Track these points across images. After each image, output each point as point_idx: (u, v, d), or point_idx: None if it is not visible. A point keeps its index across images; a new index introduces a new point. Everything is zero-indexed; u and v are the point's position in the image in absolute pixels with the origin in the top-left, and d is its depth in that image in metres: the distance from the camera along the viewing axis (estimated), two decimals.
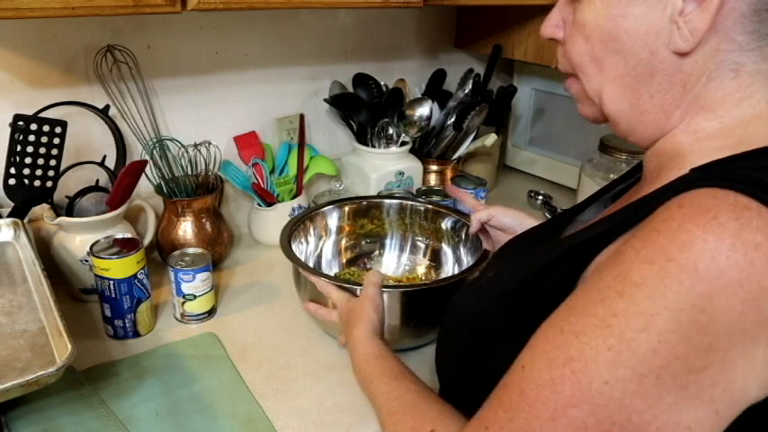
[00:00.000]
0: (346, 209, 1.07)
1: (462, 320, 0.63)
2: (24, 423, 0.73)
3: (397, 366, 0.66)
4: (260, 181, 1.17)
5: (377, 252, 1.10)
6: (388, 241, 1.10)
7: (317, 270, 0.93)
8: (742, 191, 0.40)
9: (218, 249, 1.09)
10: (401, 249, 1.10)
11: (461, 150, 1.35)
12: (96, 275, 0.86)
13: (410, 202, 1.08)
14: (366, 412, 0.77)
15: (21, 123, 0.88)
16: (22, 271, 0.82)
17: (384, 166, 1.24)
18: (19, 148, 0.89)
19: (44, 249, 0.96)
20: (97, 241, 0.88)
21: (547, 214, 1.38)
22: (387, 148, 1.27)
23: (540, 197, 1.44)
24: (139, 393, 0.78)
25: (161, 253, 1.09)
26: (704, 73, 0.48)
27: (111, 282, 0.85)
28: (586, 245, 0.51)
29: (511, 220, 0.87)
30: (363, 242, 1.09)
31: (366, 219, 1.08)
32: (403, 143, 1.28)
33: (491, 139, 1.36)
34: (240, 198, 1.23)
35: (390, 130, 1.27)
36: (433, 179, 1.36)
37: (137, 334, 0.90)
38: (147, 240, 1.05)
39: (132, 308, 0.88)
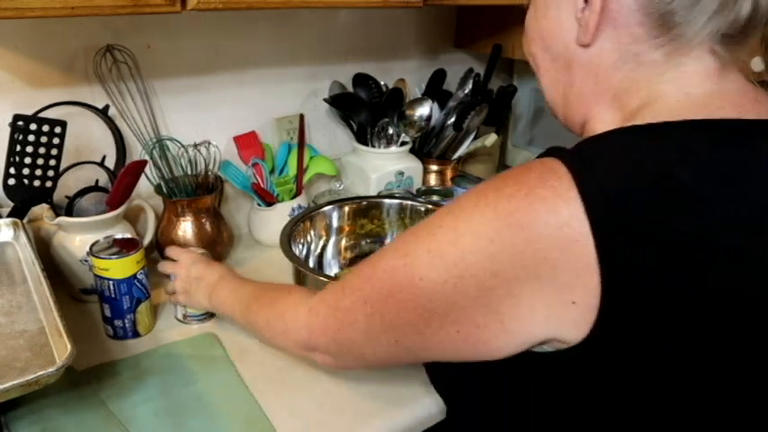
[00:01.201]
0: (346, 209, 1.07)
1: None
2: (24, 423, 0.72)
3: (256, 284, 0.83)
4: (260, 181, 1.17)
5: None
6: (388, 241, 1.10)
7: (314, 269, 0.93)
8: (560, 158, 0.48)
9: (218, 249, 1.09)
10: None
11: (461, 150, 1.35)
12: (96, 275, 0.86)
13: (410, 203, 1.08)
14: (366, 412, 0.77)
15: (20, 123, 0.88)
16: (21, 271, 0.82)
17: (384, 166, 1.24)
18: (18, 147, 0.89)
19: (44, 249, 0.95)
20: (97, 241, 0.88)
21: None
22: (387, 148, 1.27)
23: None
24: (139, 393, 0.78)
25: (161, 253, 1.09)
26: (610, 65, 0.54)
27: (111, 282, 0.85)
28: None
29: None
30: (363, 242, 1.09)
31: (366, 219, 1.08)
32: (403, 143, 1.28)
33: (491, 139, 1.36)
34: (240, 198, 1.23)
35: (390, 130, 1.27)
36: (433, 179, 1.36)
37: (136, 334, 0.90)
38: (146, 240, 1.05)
39: (132, 308, 0.88)
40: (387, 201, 1.09)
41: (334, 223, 1.06)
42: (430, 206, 1.07)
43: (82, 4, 0.69)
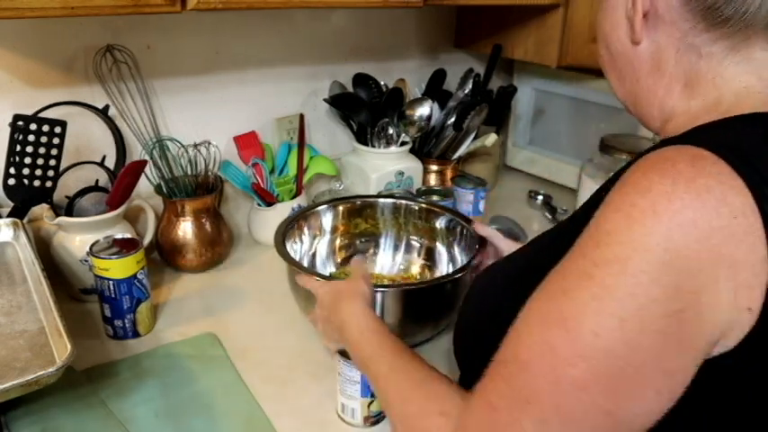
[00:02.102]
0: (341, 208, 1.07)
1: (475, 305, 0.65)
2: (24, 423, 0.73)
3: (396, 342, 0.65)
4: (260, 181, 1.17)
5: (371, 251, 1.10)
6: (382, 240, 1.10)
7: (308, 269, 0.93)
8: (700, 145, 0.44)
9: (218, 249, 1.09)
10: (396, 248, 1.10)
11: (461, 150, 1.35)
12: (96, 275, 0.86)
13: (405, 202, 1.08)
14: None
15: (20, 123, 0.88)
16: (21, 271, 0.82)
17: (384, 166, 1.24)
18: (18, 147, 0.89)
19: (44, 249, 0.95)
20: (97, 241, 0.88)
21: (547, 214, 1.38)
22: (387, 148, 1.27)
23: (540, 197, 1.44)
24: (139, 393, 0.78)
25: (161, 253, 1.09)
26: (671, 56, 0.54)
27: (111, 282, 0.85)
28: (578, 217, 0.54)
29: (506, 245, 0.90)
30: (358, 241, 1.09)
31: (360, 218, 1.09)
32: (403, 143, 1.28)
33: (491, 139, 1.36)
34: (240, 198, 1.23)
35: (390, 130, 1.27)
36: (433, 179, 1.36)
37: (136, 334, 0.90)
38: (146, 240, 1.05)
39: (132, 308, 0.88)
40: (381, 200, 1.09)
41: (329, 223, 1.06)
42: (424, 205, 1.07)
43: (82, 4, 0.69)
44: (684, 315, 0.42)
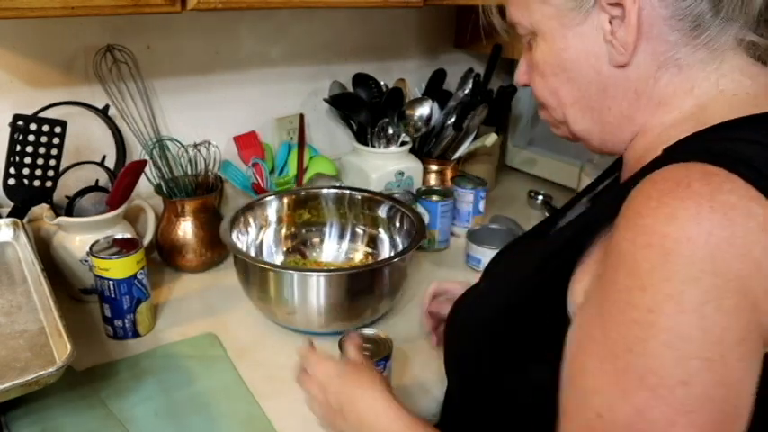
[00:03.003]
0: (285, 200, 1.10)
1: (464, 327, 0.64)
2: (24, 423, 0.72)
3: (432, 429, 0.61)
4: (260, 181, 1.17)
5: (317, 240, 1.13)
6: (327, 230, 1.13)
7: (254, 258, 0.96)
8: (707, 161, 0.43)
9: (218, 249, 1.09)
10: (341, 237, 1.13)
11: (461, 150, 1.35)
12: (96, 275, 0.86)
13: (348, 192, 1.12)
14: None
15: (20, 123, 0.88)
16: (21, 271, 0.82)
17: (384, 166, 1.24)
18: (18, 147, 0.89)
19: (44, 249, 0.95)
20: (97, 241, 0.88)
21: (547, 214, 1.38)
22: (387, 148, 1.27)
23: (540, 197, 1.44)
24: (139, 393, 0.78)
25: (161, 253, 1.09)
26: (650, 76, 0.53)
27: (111, 282, 0.85)
28: (569, 242, 0.52)
29: (450, 285, 0.87)
30: (303, 231, 1.12)
31: (304, 209, 1.11)
32: (403, 143, 1.28)
33: (491, 139, 1.36)
34: (240, 198, 1.23)
35: (390, 130, 1.27)
36: (433, 179, 1.36)
37: (136, 334, 0.90)
38: (146, 240, 1.05)
39: (132, 308, 0.88)
40: (324, 191, 1.12)
41: (274, 213, 1.09)
42: (366, 194, 1.10)
43: (82, 4, 0.69)
44: (752, 335, 0.41)
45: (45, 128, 0.90)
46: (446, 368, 0.68)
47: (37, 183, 0.92)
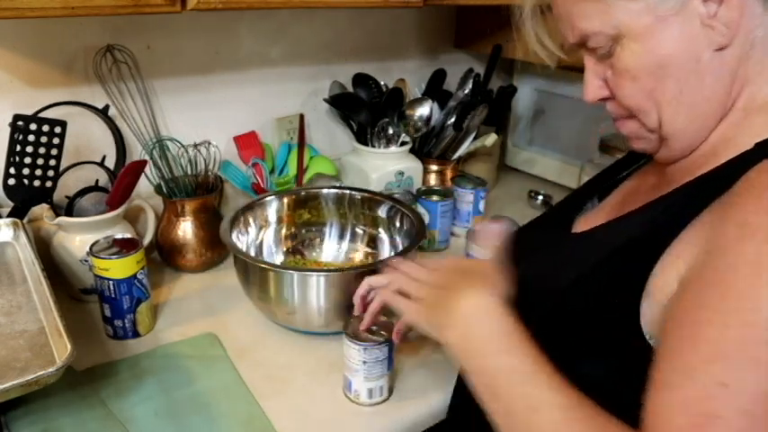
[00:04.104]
0: (285, 200, 1.10)
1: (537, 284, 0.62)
2: (24, 423, 0.72)
3: (543, 360, 0.53)
4: (260, 181, 1.17)
5: (317, 240, 1.13)
6: (327, 230, 1.13)
7: (254, 257, 0.97)
8: None
9: (218, 249, 1.09)
10: (341, 237, 1.13)
11: (461, 150, 1.35)
12: (96, 275, 0.86)
13: (348, 192, 1.11)
14: (366, 412, 0.77)
15: (20, 123, 0.88)
16: (21, 271, 0.82)
17: (384, 166, 1.24)
18: (18, 147, 0.89)
19: (44, 249, 0.95)
20: (97, 241, 0.88)
21: None
22: (387, 148, 1.27)
23: (540, 197, 1.44)
24: (139, 393, 0.78)
25: (161, 253, 1.09)
26: (743, 55, 0.52)
27: (111, 282, 0.85)
28: (640, 242, 0.52)
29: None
30: (303, 231, 1.12)
31: (304, 209, 1.11)
32: (403, 143, 1.28)
33: (491, 139, 1.36)
34: (240, 198, 1.23)
35: (390, 130, 1.27)
36: (433, 179, 1.36)
37: (136, 334, 0.90)
38: (146, 240, 1.05)
39: (132, 308, 0.88)
40: (324, 191, 1.12)
41: (274, 214, 1.09)
42: (366, 194, 1.10)
43: (82, 4, 0.69)
44: None
45: (45, 128, 0.90)
46: None
47: (37, 183, 0.92)
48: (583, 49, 0.58)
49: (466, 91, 1.36)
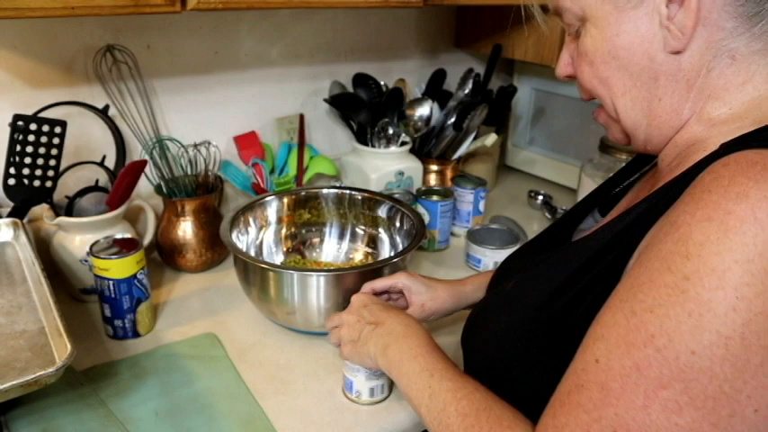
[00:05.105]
0: (285, 200, 1.10)
1: (493, 335, 0.62)
2: (24, 423, 0.72)
3: (453, 364, 0.62)
4: (260, 181, 1.17)
5: (318, 240, 1.13)
6: (327, 230, 1.13)
7: (254, 257, 0.97)
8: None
9: (218, 249, 1.09)
10: (341, 237, 1.13)
11: (461, 150, 1.35)
12: (96, 275, 0.86)
13: (347, 192, 1.11)
14: (366, 412, 0.77)
15: (20, 123, 0.88)
16: (21, 271, 0.82)
17: (384, 166, 1.24)
18: (18, 147, 0.89)
19: (44, 249, 0.95)
20: (97, 241, 0.88)
21: (547, 214, 1.38)
22: (387, 148, 1.27)
23: (540, 197, 1.44)
24: (139, 393, 0.78)
25: (161, 253, 1.09)
26: (703, 65, 0.51)
27: (111, 282, 0.85)
28: (619, 238, 0.51)
29: (419, 284, 0.83)
30: (303, 231, 1.12)
31: (304, 209, 1.11)
32: (403, 143, 1.28)
33: (491, 138, 1.36)
34: (240, 198, 1.23)
35: (390, 130, 1.27)
36: (433, 179, 1.36)
37: (136, 334, 0.90)
38: (146, 240, 1.05)
39: (132, 308, 0.88)
40: (324, 191, 1.12)
41: (274, 214, 1.09)
42: (366, 194, 1.10)
43: (82, 4, 0.69)
44: None
45: (45, 128, 0.90)
46: (469, 371, 0.65)
47: (37, 183, 0.92)
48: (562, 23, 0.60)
49: (466, 91, 1.36)
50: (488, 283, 0.78)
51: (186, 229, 1.05)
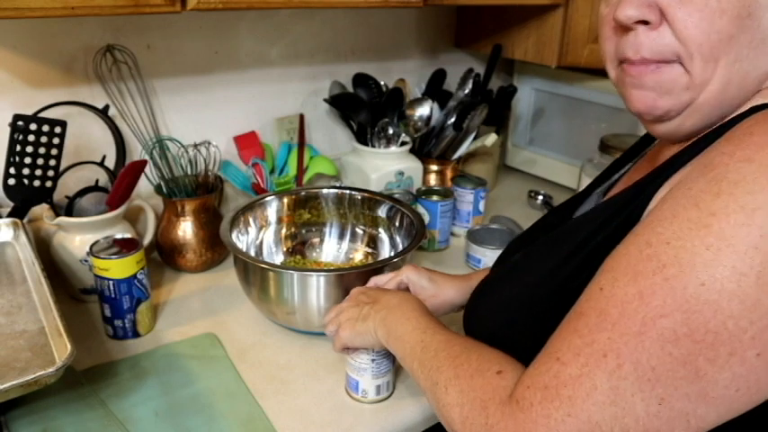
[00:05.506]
0: (285, 200, 1.10)
1: (498, 304, 0.61)
2: (24, 423, 0.72)
3: (446, 326, 0.64)
4: (260, 181, 1.17)
5: (318, 240, 1.13)
6: (327, 230, 1.13)
7: (255, 257, 0.98)
8: None
9: (218, 249, 1.09)
10: (341, 237, 1.13)
11: (461, 150, 1.35)
12: (96, 275, 0.86)
13: (347, 192, 1.11)
14: (366, 411, 0.77)
15: (20, 123, 0.88)
16: (21, 271, 0.82)
17: (384, 166, 1.24)
18: (18, 147, 0.89)
19: (44, 249, 0.95)
20: (97, 241, 0.88)
21: None
22: (387, 148, 1.27)
23: (540, 197, 1.44)
24: (139, 393, 0.78)
25: (161, 253, 1.09)
26: None
27: (111, 282, 0.85)
28: (633, 198, 0.50)
29: (423, 280, 0.82)
30: (303, 231, 1.12)
31: (304, 209, 1.11)
32: (403, 143, 1.28)
33: (491, 138, 1.36)
34: (240, 198, 1.23)
35: (390, 130, 1.27)
36: (433, 179, 1.36)
37: (136, 334, 0.90)
38: (146, 240, 1.05)
39: (132, 308, 0.88)
40: (324, 191, 1.12)
41: (274, 214, 1.09)
42: (366, 194, 1.10)
43: (82, 4, 0.69)
44: None
45: (45, 128, 0.90)
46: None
47: (37, 183, 0.92)
48: None
49: (466, 91, 1.36)
50: (492, 264, 0.78)
51: (186, 229, 1.05)
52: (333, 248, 1.13)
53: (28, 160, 0.90)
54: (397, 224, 1.06)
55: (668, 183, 0.47)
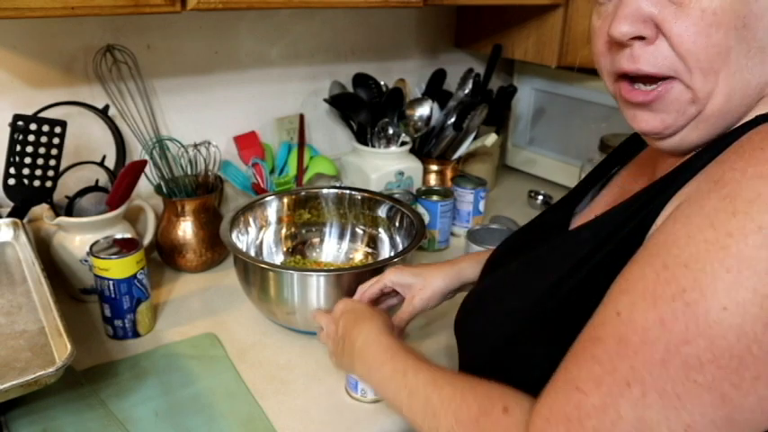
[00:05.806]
0: (285, 200, 1.10)
1: (497, 318, 0.60)
2: (24, 423, 0.72)
3: (424, 358, 0.60)
4: (260, 181, 1.17)
5: (318, 240, 1.13)
6: (327, 230, 1.13)
7: (255, 257, 0.98)
8: None
9: (218, 249, 1.09)
10: (341, 237, 1.13)
11: (461, 150, 1.35)
12: (96, 275, 0.86)
13: (347, 192, 1.11)
14: (366, 411, 0.77)
15: (20, 123, 0.88)
16: (21, 271, 0.82)
17: (384, 166, 1.24)
18: (18, 147, 0.89)
19: (44, 249, 0.95)
20: (97, 241, 0.88)
21: None
22: (387, 148, 1.27)
23: (540, 197, 1.44)
24: (139, 393, 0.78)
25: (161, 253, 1.09)
26: None
27: (111, 282, 0.85)
28: (636, 212, 0.49)
29: (407, 277, 0.81)
30: (303, 231, 1.13)
31: (304, 209, 1.11)
32: (403, 143, 1.28)
33: (491, 138, 1.36)
34: (240, 198, 1.23)
35: (390, 130, 1.27)
36: (433, 179, 1.36)
37: (136, 334, 0.90)
38: (146, 240, 1.05)
39: (132, 308, 0.88)
40: (324, 191, 1.12)
41: (274, 214, 1.09)
42: (366, 194, 1.10)
43: (82, 4, 0.69)
44: None
45: (45, 128, 0.90)
46: (465, 367, 0.65)
47: (37, 183, 0.92)
48: None
49: (466, 91, 1.36)
50: (483, 266, 0.76)
51: (186, 229, 1.05)
52: (333, 248, 1.13)
53: (28, 160, 0.90)
54: (397, 224, 1.06)
55: (676, 197, 0.47)
